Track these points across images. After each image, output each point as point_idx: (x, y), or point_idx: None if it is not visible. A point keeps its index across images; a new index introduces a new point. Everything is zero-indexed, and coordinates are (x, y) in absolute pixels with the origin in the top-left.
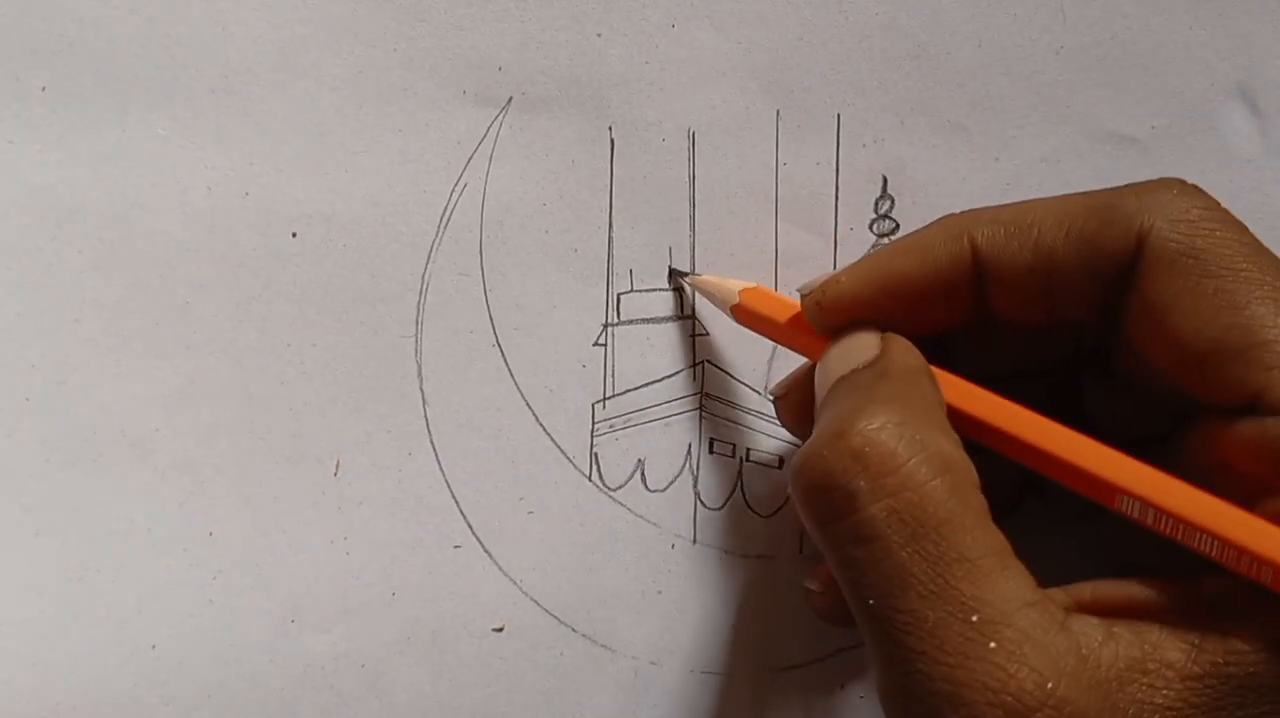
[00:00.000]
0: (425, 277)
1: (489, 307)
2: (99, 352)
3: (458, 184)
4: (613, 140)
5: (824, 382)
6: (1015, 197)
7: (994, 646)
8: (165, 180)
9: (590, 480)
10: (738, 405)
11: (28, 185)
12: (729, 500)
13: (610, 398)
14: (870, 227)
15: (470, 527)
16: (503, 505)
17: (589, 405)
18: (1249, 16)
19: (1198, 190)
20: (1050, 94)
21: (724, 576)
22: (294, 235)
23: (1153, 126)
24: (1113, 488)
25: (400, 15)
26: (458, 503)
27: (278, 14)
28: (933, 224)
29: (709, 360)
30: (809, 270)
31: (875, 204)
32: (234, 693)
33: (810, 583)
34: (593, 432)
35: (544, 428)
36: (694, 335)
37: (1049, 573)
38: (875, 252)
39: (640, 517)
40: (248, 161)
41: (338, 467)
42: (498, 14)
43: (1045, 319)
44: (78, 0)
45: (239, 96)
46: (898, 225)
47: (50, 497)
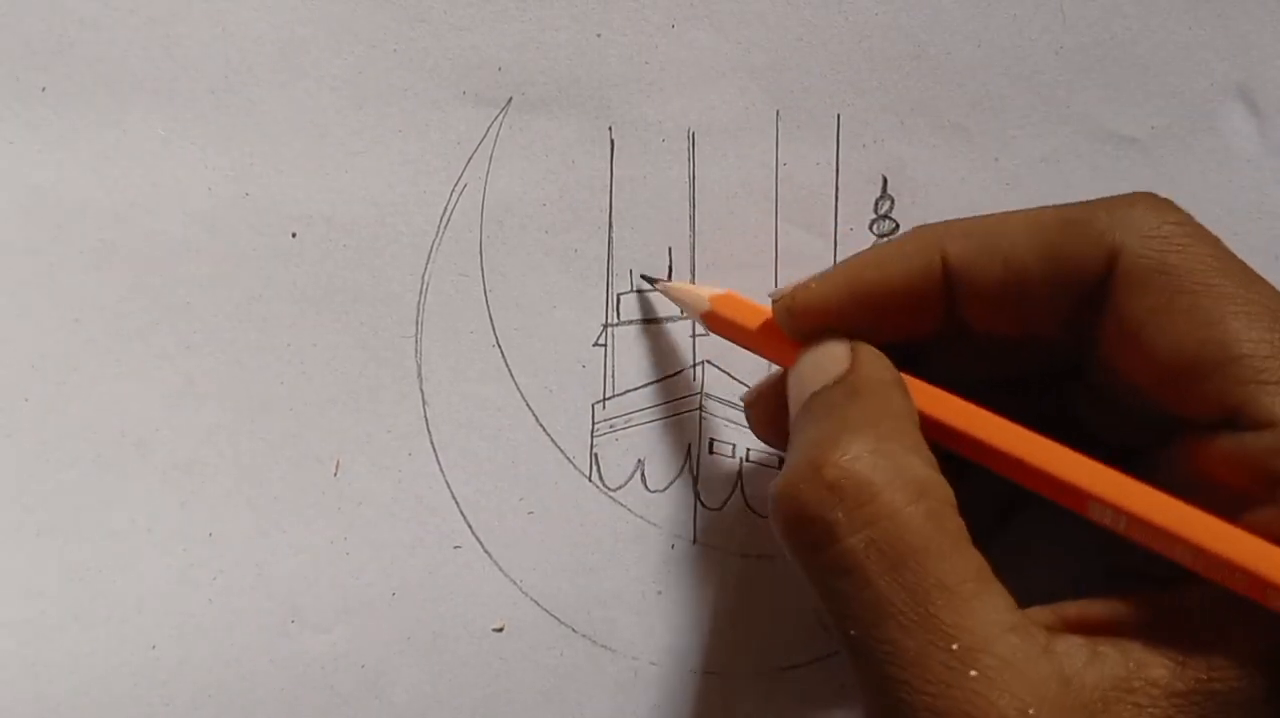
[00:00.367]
0: (425, 277)
1: (489, 307)
2: (99, 352)
3: (458, 184)
4: (612, 140)
5: (796, 395)
6: (1015, 196)
7: (975, 674)
8: (165, 180)
9: (590, 481)
10: (738, 406)
11: (28, 185)
12: (729, 500)
13: (610, 398)
14: (870, 227)
15: (470, 527)
16: (503, 506)
17: (589, 406)
18: (1249, 16)
19: (1169, 205)
20: (1050, 94)
21: (724, 576)
22: (294, 236)
23: (1152, 126)
24: (1083, 494)
25: (400, 15)
26: (458, 503)
27: (278, 14)
28: (905, 234)
29: (709, 360)
30: (809, 271)
31: (875, 204)
32: (234, 693)
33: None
34: (593, 432)
35: (544, 428)
36: (694, 335)
37: (1038, 585)
38: (849, 259)
39: (640, 517)
40: (248, 162)
41: (338, 467)
42: (497, 14)
43: (1017, 332)
44: (78, 0)
45: (239, 96)
46: (898, 225)
47: (50, 497)
